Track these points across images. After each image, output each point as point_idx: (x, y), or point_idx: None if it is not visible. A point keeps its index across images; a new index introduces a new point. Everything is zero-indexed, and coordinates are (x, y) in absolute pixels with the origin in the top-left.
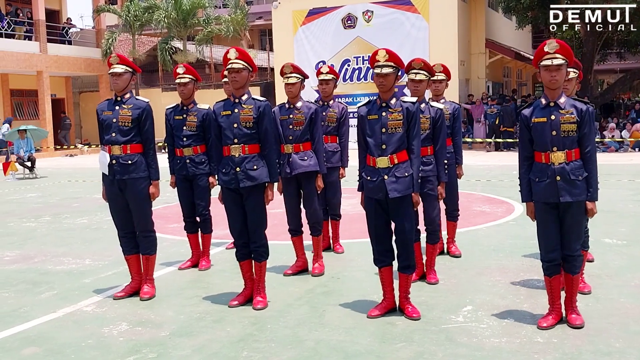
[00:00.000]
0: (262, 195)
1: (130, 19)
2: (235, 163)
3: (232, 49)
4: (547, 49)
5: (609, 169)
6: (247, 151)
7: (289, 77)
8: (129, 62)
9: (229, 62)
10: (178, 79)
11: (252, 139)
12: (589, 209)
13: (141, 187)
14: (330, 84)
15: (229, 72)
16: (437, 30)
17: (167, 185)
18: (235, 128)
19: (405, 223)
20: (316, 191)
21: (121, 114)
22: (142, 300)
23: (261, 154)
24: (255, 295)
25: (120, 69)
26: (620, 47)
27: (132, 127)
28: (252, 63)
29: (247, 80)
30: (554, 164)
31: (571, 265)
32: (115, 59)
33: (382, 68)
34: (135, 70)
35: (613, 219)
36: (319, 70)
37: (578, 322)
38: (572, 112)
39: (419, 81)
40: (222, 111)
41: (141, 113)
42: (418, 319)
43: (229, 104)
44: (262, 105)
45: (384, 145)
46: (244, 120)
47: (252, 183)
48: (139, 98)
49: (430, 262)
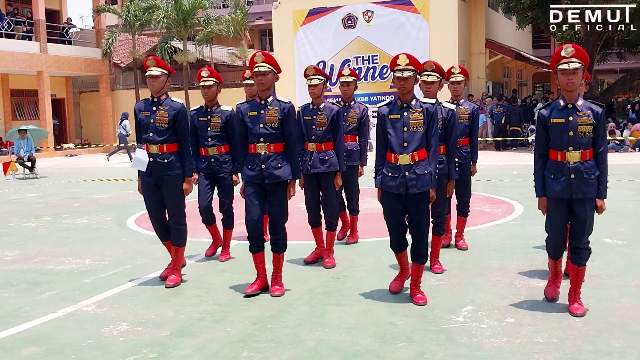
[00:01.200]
0: (285, 191)
1: (130, 19)
2: (260, 160)
3: (258, 52)
4: (564, 54)
5: (610, 169)
6: (272, 149)
7: (312, 79)
8: (165, 65)
9: (255, 65)
10: (202, 81)
11: (276, 138)
12: (598, 206)
13: (175, 183)
14: (352, 86)
15: (256, 75)
16: (437, 30)
17: None
18: (261, 128)
19: (422, 216)
20: (334, 188)
21: (158, 115)
22: (167, 287)
23: (285, 153)
24: (272, 284)
25: (156, 72)
26: (621, 47)
27: (168, 127)
28: (277, 66)
29: (272, 83)
30: (570, 163)
31: (578, 257)
32: (152, 61)
33: (403, 72)
34: (170, 72)
35: (613, 219)
36: (340, 72)
37: (580, 311)
38: (589, 115)
39: (431, 82)
40: (249, 112)
41: (177, 114)
42: (424, 304)
43: (255, 105)
44: (287, 106)
45: (406, 143)
46: (269, 120)
47: (276, 180)
48: (174, 100)
49: (435, 252)
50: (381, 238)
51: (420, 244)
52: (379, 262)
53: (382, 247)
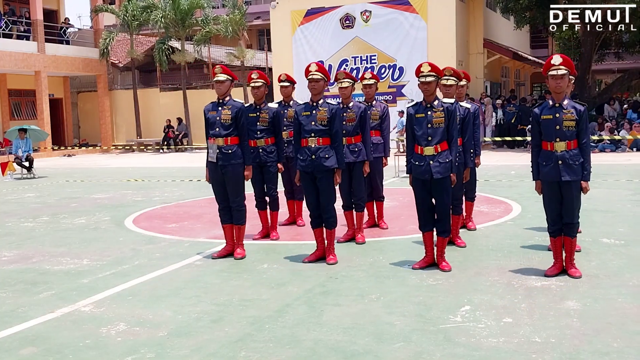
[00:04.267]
0: (332, 178)
1: (128, 18)
2: (311, 152)
3: (312, 63)
4: (553, 62)
5: (607, 169)
6: (321, 143)
7: (342, 82)
8: (229, 72)
9: (309, 73)
10: (252, 82)
11: (325, 133)
12: (583, 187)
13: (238, 171)
14: (373, 87)
15: (310, 82)
16: (435, 30)
17: (164, 185)
18: (313, 125)
19: (445, 197)
20: (363, 175)
21: (223, 113)
22: (235, 259)
23: (332, 146)
24: (327, 254)
25: (222, 77)
26: (618, 47)
27: (231, 123)
28: (327, 74)
29: (323, 88)
30: (557, 151)
31: (570, 230)
32: (219, 69)
33: (426, 77)
34: (234, 78)
35: (611, 219)
36: (362, 76)
37: (577, 274)
38: (573, 112)
39: (450, 85)
40: (303, 112)
41: (238, 112)
42: (449, 271)
43: (308, 106)
44: (334, 108)
45: (430, 137)
46: (320, 119)
47: (325, 168)
48: (235, 100)
49: (455, 230)
50: (379, 238)
51: (444, 221)
52: (377, 262)
53: (380, 247)
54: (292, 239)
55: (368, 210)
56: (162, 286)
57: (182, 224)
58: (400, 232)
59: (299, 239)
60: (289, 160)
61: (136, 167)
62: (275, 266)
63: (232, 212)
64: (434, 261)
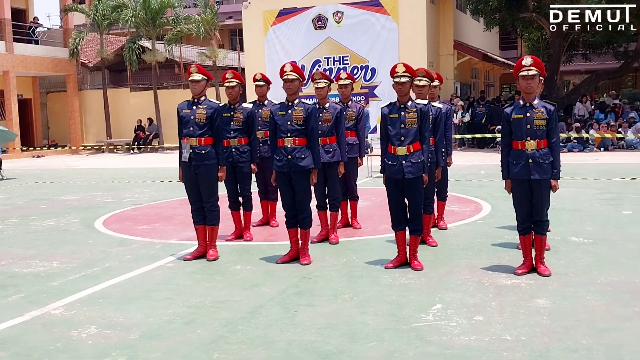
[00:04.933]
0: (309, 178)
1: (98, 18)
2: (287, 152)
3: (287, 63)
4: (524, 63)
5: (575, 169)
6: (297, 143)
7: (318, 82)
8: (205, 72)
9: (284, 74)
10: (227, 82)
11: (301, 133)
12: (553, 185)
13: (211, 171)
14: (349, 88)
15: (285, 82)
16: (406, 31)
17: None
18: (289, 125)
19: (417, 197)
20: (338, 175)
21: (198, 112)
22: (208, 261)
23: (307, 145)
24: (301, 255)
25: (198, 77)
26: (586, 48)
27: (206, 123)
28: (302, 74)
29: (298, 88)
30: (527, 150)
31: (540, 228)
32: (195, 68)
33: (401, 78)
34: (209, 78)
35: (579, 218)
36: (338, 76)
37: (547, 272)
38: (543, 111)
39: (422, 86)
40: (279, 112)
41: (213, 112)
42: (421, 270)
43: (284, 106)
44: (310, 107)
45: (403, 137)
46: (295, 119)
47: (301, 168)
48: (211, 100)
49: (427, 229)
50: (352, 238)
51: (416, 220)
52: (350, 261)
53: (354, 247)
54: (265, 239)
55: (342, 210)
56: (133, 289)
57: (154, 225)
58: (373, 232)
59: (273, 239)
60: (264, 160)
61: (106, 168)
62: (248, 267)
63: (206, 212)
64: (406, 260)
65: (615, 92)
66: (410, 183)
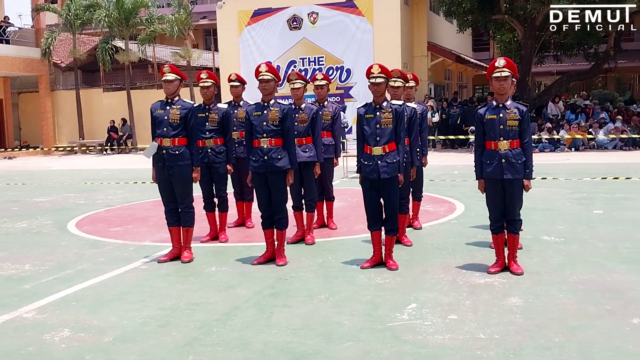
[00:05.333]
0: (285, 179)
1: (70, 17)
2: (263, 153)
3: (263, 64)
4: (497, 65)
5: (547, 169)
6: (273, 143)
7: (294, 83)
8: (178, 72)
9: (259, 74)
10: (201, 83)
11: (277, 134)
12: (525, 185)
13: (185, 172)
14: (324, 88)
15: (260, 82)
16: (381, 32)
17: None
18: (265, 125)
19: (392, 196)
20: (314, 176)
21: (171, 113)
22: (183, 263)
23: (284, 146)
24: (277, 256)
25: (171, 77)
26: (557, 50)
27: (180, 123)
28: (277, 75)
29: (274, 89)
30: (500, 150)
31: (513, 227)
32: (168, 68)
33: (376, 78)
34: (183, 78)
35: (551, 217)
36: (314, 77)
37: (519, 271)
38: (516, 112)
39: (397, 87)
40: (254, 112)
41: (187, 112)
42: (396, 270)
43: (259, 106)
44: (286, 108)
45: (378, 137)
46: (271, 119)
47: (277, 169)
48: (185, 100)
49: (402, 229)
50: (328, 239)
51: (391, 220)
52: (326, 262)
53: (330, 247)
54: (241, 240)
55: (318, 211)
56: (106, 291)
57: (127, 227)
58: (349, 232)
59: (248, 240)
60: (240, 160)
61: (79, 169)
62: (223, 269)
63: (180, 214)
64: (381, 260)
65: (586, 93)
66: (385, 183)
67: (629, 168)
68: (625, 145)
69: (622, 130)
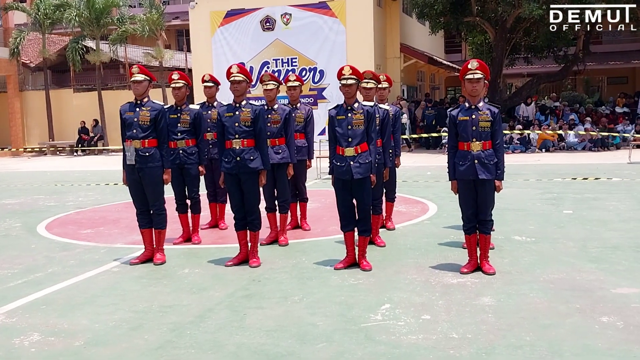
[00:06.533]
0: (257, 180)
1: (40, 17)
2: (236, 154)
3: (234, 65)
4: (470, 67)
5: (517, 170)
6: (245, 144)
7: (267, 84)
8: (147, 72)
9: (231, 75)
10: (173, 84)
11: (249, 135)
12: (497, 186)
13: (156, 174)
14: (297, 90)
15: (232, 83)
16: (353, 34)
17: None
18: (237, 126)
19: (365, 197)
20: (287, 177)
21: (141, 114)
22: (155, 265)
23: (256, 147)
24: (250, 258)
25: (140, 78)
26: (528, 52)
27: (150, 125)
28: (249, 76)
29: (245, 90)
30: (473, 151)
31: (484, 227)
32: (137, 69)
33: (347, 80)
34: (152, 78)
35: (522, 217)
36: (287, 78)
37: (491, 271)
38: (488, 114)
39: (369, 88)
40: (226, 113)
41: (157, 114)
42: (370, 270)
43: (231, 107)
44: (258, 109)
45: (350, 138)
46: (243, 120)
47: (250, 170)
48: (155, 101)
49: (375, 230)
50: (302, 240)
51: (364, 220)
52: (299, 263)
53: (303, 248)
54: (214, 242)
55: (291, 212)
56: (77, 294)
57: (98, 229)
58: (323, 233)
59: (222, 242)
60: (213, 162)
61: (49, 170)
62: (196, 271)
63: (152, 216)
64: (355, 261)
65: (555, 94)
66: (358, 183)
67: (597, 169)
68: (594, 147)
69: (590, 131)
